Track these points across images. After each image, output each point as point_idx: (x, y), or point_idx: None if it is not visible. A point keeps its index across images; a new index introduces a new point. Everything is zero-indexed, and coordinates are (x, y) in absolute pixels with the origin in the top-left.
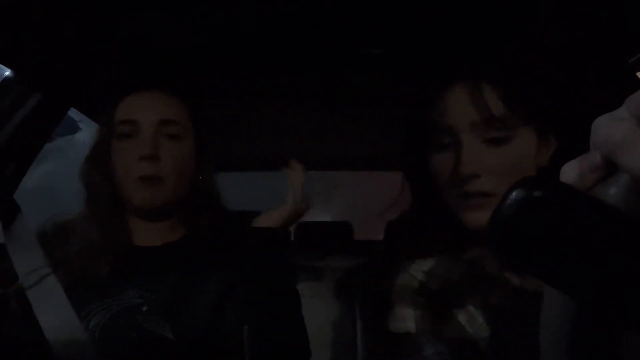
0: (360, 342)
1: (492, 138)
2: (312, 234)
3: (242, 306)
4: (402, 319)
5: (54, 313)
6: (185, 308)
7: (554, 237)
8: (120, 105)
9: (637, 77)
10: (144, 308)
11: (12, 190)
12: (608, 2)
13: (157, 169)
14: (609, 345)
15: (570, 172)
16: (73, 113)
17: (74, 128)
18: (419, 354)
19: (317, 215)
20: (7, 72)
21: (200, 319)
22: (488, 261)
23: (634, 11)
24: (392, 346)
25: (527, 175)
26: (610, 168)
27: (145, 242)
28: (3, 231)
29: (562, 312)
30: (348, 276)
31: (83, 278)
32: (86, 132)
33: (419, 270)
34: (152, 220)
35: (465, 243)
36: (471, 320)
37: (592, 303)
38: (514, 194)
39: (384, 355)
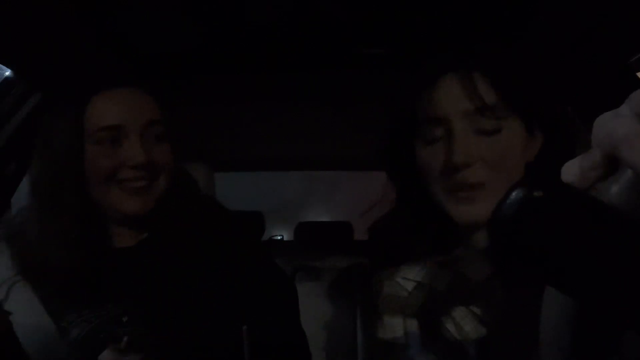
0: (360, 342)
1: (483, 128)
2: (312, 234)
3: (230, 306)
4: (391, 328)
5: (31, 323)
6: (166, 313)
7: (555, 237)
8: (92, 106)
9: (637, 77)
10: (124, 319)
11: (12, 190)
12: (608, 2)
13: (148, 175)
14: (608, 345)
15: (571, 170)
16: None
17: None
18: None
19: (317, 215)
20: (7, 72)
21: (184, 323)
22: (472, 267)
23: (634, 11)
24: (383, 355)
25: (517, 169)
26: (611, 166)
27: (119, 242)
28: None
29: (562, 312)
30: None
31: (56, 283)
32: None
33: (406, 278)
34: (135, 226)
35: (450, 245)
36: (458, 328)
37: (592, 303)
38: (514, 193)
39: None
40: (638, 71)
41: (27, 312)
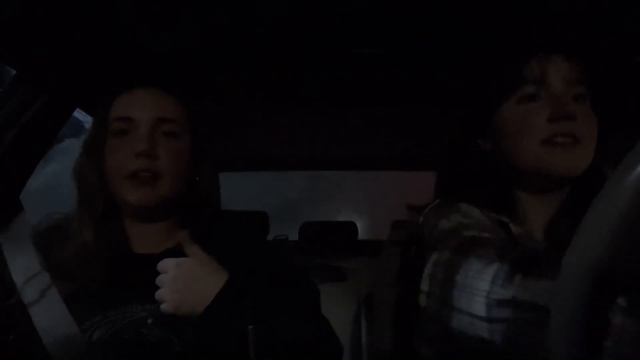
0: (364, 341)
1: (579, 93)
2: (316, 234)
3: (251, 308)
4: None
5: (55, 325)
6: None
7: None
8: (116, 102)
9: None
10: (149, 320)
11: (18, 190)
12: (612, 2)
13: (153, 166)
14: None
15: None
16: (79, 114)
17: (81, 129)
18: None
19: (321, 214)
20: (13, 73)
21: (207, 326)
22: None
23: (638, 11)
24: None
25: (593, 142)
26: None
27: (144, 248)
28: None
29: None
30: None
31: (81, 286)
32: None
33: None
34: (148, 221)
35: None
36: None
37: None
38: None
39: None
40: None
41: (51, 313)
